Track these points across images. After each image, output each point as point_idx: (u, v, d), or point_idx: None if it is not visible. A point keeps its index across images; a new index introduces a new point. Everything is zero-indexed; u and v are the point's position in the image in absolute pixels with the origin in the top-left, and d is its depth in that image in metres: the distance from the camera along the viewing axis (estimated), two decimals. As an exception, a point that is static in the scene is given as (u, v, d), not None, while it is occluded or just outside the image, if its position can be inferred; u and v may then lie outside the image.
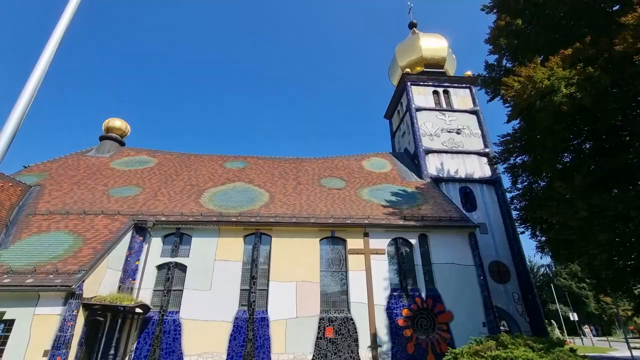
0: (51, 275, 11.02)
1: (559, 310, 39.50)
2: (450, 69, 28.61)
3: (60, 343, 10.19)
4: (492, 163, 18.53)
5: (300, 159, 23.38)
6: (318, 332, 13.49)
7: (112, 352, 11.56)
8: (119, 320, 12.07)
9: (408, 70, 26.86)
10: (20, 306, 10.50)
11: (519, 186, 14.54)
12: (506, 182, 29.15)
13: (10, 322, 10.35)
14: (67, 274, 11.14)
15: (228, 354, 12.82)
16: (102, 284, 12.26)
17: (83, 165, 19.62)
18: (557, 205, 11.31)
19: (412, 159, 23.79)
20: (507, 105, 13.39)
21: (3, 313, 10.37)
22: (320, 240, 15.43)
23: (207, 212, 15.53)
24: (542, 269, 54.34)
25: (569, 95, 10.34)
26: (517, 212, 14.96)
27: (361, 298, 14.31)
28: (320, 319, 13.74)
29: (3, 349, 10.02)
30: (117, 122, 23.15)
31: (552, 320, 38.12)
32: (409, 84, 25.41)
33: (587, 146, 12.78)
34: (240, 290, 14.09)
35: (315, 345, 13.26)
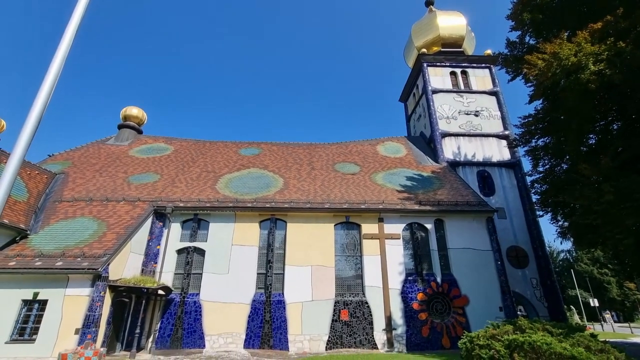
0: (79, 259, 11.59)
1: (579, 296, 38.74)
2: (469, 48, 27.45)
3: (89, 322, 10.80)
4: (512, 146, 17.93)
5: (314, 145, 23.30)
6: (333, 315, 13.75)
7: (137, 331, 12.17)
8: (143, 301, 12.65)
9: (424, 50, 25.96)
10: (51, 287, 11.16)
11: (540, 169, 14.07)
12: (526, 165, 28.49)
13: (44, 302, 11.04)
14: (93, 257, 11.68)
15: (247, 334, 13.28)
16: (126, 267, 12.80)
17: (103, 153, 20.21)
18: (581, 188, 10.90)
19: (428, 143, 23.30)
20: (529, 84, 12.81)
21: (37, 293, 11.05)
22: (334, 225, 15.51)
23: (223, 198, 15.81)
24: (562, 254, 53.11)
25: (597, 73, 9.77)
26: (538, 196, 14.54)
27: (376, 282, 14.42)
28: (335, 302, 13.97)
29: (39, 327, 10.74)
30: (134, 111, 23.56)
31: (571, 306, 37.48)
32: (425, 65, 24.60)
33: (615, 127, 12.14)
34: (257, 274, 14.43)
35: (331, 328, 13.54)
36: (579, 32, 10.69)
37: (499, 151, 21.30)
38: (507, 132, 21.72)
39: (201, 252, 14.71)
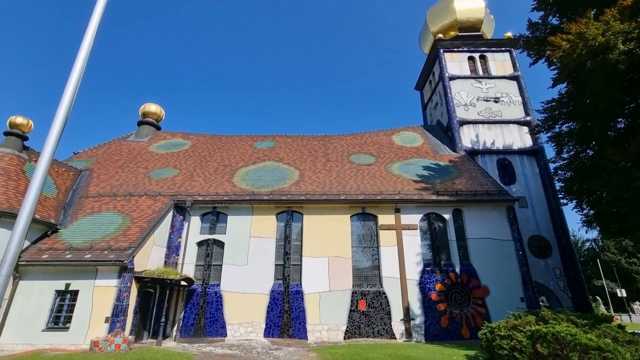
0: (106, 252, 12.12)
1: (605, 287, 37.44)
2: (488, 31, 26.41)
3: (118, 311, 11.33)
4: (534, 132, 17.33)
5: (329, 136, 23.22)
6: (351, 305, 13.87)
7: (162, 320, 12.69)
8: (167, 292, 13.15)
9: (441, 36, 25.16)
10: (82, 279, 11.75)
11: (565, 156, 13.54)
12: (549, 152, 27.36)
13: (75, 293, 11.66)
14: (119, 250, 12.19)
15: (266, 324, 13.61)
16: (150, 259, 13.30)
17: (125, 150, 20.85)
18: (609, 174, 10.44)
19: (445, 132, 22.79)
20: (552, 67, 12.25)
21: (69, 284, 11.67)
22: (351, 216, 15.52)
23: (240, 192, 16.07)
24: (587, 244, 51.27)
25: (627, 52, 9.24)
26: (562, 184, 14.04)
27: (393, 273, 14.41)
28: (352, 293, 14.07)
29: (71, 316, 11.37)
30: (153, 107, 24.10)
31: (597, 297, 36.30)
32: (441, 50, 23.89)
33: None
34: (275, 265, 14.69)
35: (349, 318, 13.69)
36: (607, 9, 10.09)
37: (520, 138, 20.61)
38: (528, 118, 20.95)
39: (220, 244, 15.08)
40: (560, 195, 15.34)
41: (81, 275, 11.78)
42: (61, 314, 11.53)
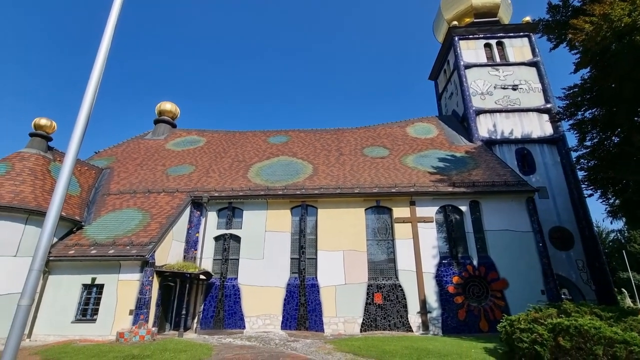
0: (128, 247, 12.56)
1: (632, 279, 36.09)
2: (505, 16, 25.47)
3: (141, 304, 11.77)
4: (555, 120, 16.71)
5: (342, 130, 23.10)
6: (367, 298, 13.91)
7: (183, 312, 13.09)
8: (187, 285, 13.53)
9: (455, 23, 24.43)
10: (106, 273, 12.25)
11: (588, 144, 13.05)
12: (571, 140, 26.41)
13: (101, 287, 12.17)
14: (141, 245, 12.60)
15: (283, 316, 13.84)
16: (170, 254, 13.69)
17: (143, 148, 21.39)
18: (636, 162, 9.99)
19: (461, 122, 22.28)
20: (574, 52, 11.75)
21: (94, 279, 12.20)
22: (365, 209, 15.48)
23: (254, 187, 16.26)
24: (612, 235, 49.40)
25: (657, 33, 8.73)
26: (585, 173, 13.55)
27: (409, 266, 14.34)
28: (368, 286, 14.10)
29: (98, 308, 11.89)
30: (168, 105, 24.57)
31: (622, 289, 35.06)
32: (456, 38, 23.24)
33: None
34: (291, 259, 14.86)
35: (365, 310, 13.74)
36: (634, -12, 9.54)
37: (539, 126, 19.94)
38: (549, 106, 20.21)
39: (237, 239, 15.36)
40: (583, 185, 14.81)
41: (106, 270, 12.28)
42: (88, 307, 12.07)
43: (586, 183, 13.75)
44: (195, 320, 14.05)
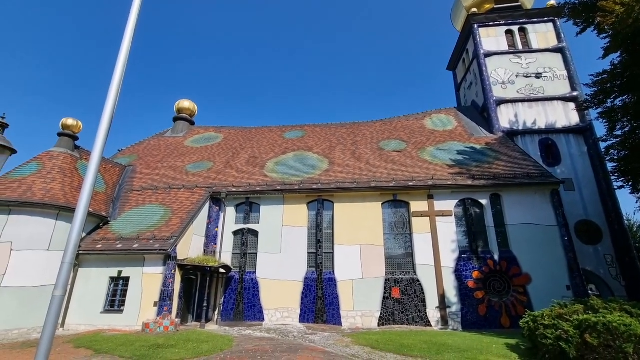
0: (151, 241, 13.01)
1: (666, 274, 34.33)
2: (528, 1, 24.39)
3: (165, 296, 12.21)
4: (582, 108, 15.96)
5: (357, 123, 22.92)
6: (384, 292, 13.88)
7: (204, 304, 13.49)
8: (207, 278, 13.92)
9: (475, 10, 23.62)
10: (132, 266, 12.75)
11: (618, 133, 12.41)
12: (600, 129, 25.14)
13: (127, 279, 12.70)
14: (163, 239, 13.03)
15: (301, 310, 14.02)
16: (191, 248, 14.09)
17: (163, 145, 21.99)
18: (671, 152, 9.42)
19: (481, 113, 21.62)
20: (604, 36, 11.14)
21: (121, 272, 12.74)
22: (382, 204, 15.36)
23: (271, 182, 16.43)
24: (644, 228, 46.91)
25: (696, 12, 8.14)
26: (614, 164, 12.90)
27: (427, 260, 14.16)
28: (385, 280, 14.05)
29: (124, 300, 12.43)
30: (186, 103, 25.11)
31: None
32: (475, 26, 22.47)
33: None
34: (308, 253, 14.98)
35: (383, 305, 13.72)
36: (671, -36, 8.92)
37: (565, 116, 19.09)
38: (575, 94, 19.30)
39: (255, 234, 15.61)
40: (613, 177, 14.12)
41: (131, 263, 12.79)
42: (116, 298, 12.63)
43: (616, 175, 13.11)
44: (216, 312, 14.46)
